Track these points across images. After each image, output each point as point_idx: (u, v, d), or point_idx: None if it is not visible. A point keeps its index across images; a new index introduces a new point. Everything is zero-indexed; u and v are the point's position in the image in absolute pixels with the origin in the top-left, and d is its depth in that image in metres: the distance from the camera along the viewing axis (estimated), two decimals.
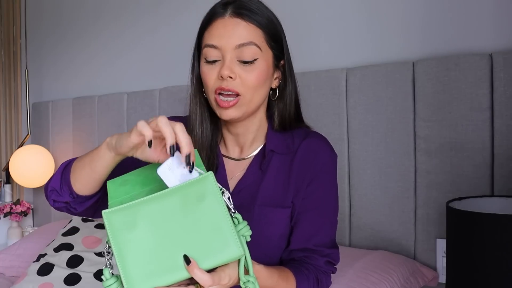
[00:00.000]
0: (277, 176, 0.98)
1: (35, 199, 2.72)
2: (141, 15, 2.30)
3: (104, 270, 0.72)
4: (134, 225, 0.69)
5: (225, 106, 0.91)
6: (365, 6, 1.66)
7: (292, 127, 1.01)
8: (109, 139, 0.80)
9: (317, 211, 0.97)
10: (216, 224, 0.69)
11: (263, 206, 0.96)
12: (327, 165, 0.99)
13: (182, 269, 0.67)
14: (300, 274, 0.93)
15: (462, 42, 1.47)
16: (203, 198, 0.70)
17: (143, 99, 2.18)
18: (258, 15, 0.92)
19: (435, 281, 1.45)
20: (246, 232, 0.72)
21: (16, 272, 1.97)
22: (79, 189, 0.88)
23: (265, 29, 0.93)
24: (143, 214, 0.69)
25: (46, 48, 2.74)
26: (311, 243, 0.96)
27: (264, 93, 0.96)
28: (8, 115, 2.83)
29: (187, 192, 0.70)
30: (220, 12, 0.92)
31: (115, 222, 0.69)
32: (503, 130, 1.35)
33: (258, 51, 0.91)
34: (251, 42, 0.90)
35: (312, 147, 0.99)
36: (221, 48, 0.90)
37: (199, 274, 0.67)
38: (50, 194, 0.91)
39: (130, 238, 0.68)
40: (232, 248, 0.69)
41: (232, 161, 1.02)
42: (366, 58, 1.65)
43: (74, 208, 0.91)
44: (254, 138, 1.01)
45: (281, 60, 0.98)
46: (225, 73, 0.89)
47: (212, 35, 0.92)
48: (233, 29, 0.90)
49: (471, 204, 1.17)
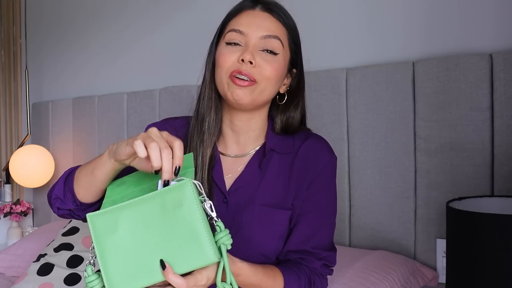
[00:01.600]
0: (276, 177, 0.98)
1: (35, 199, 2.72)
2: (141, 15, 2.30)
3: (87, 267, 0.75)
4: (115, 228, 0.72)
5: (240, 84, 0.91)
6: (366, 6, 1.66)
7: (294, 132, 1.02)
8: (111, 146, 0.82)
9: (316, 213, 0.97)
10: (192, 230, 0.71)
11: (262, 206, 0.96)
12: (327, 167, 0.99)
13: (159, 272, 0.71)
14: (290, 273, 0.92)
15: (462, 42, 1.47)
16: (181, 205, 0.71)
17: (143, 99, 2.18)
18: (286, 16, 0.97)
19: (435, 281, 1.45)
20: (226, 241, 0.74)
21: (16, 272, 1.97)
22: (82, 196, 0.89)
23: (290, 30, 0.97)
24: (124, 218, 0.72)
25: (46, 48, 2.74)
26: (308, 245, 0.96)
27: (275, 90, 0.97)
28: (8, 115, 2.83)
29: (166, 198, 0.72)
30: (250, 5, 0.96)
31: (98, 225, 0.72)
32: (503, 130, 1.35)
33: (281, 47, 0.94)
34: (277, 36, 0.94)
35: (313, 148, 0.99)
36: (247, 35, 0.93)
37: (173, 279, 0.70)
38: (54, 202, 0.93)
39: (111, 240, 0.72)
40: (206, 254, 0.71)
41: (230, 159, 1.01)
42: (366, 58, 1.65)
43: (78, 215, 0.93)
44: (254, 136, 1.01)
45: (294, 68, 1.00)
46: (246, 57, 0.90)
47: (240, 23, 0.94)
48: (263, 21, 0.94)
49: (471, 204, 1.17)
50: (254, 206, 0.95)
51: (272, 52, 0.93)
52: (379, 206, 1.56)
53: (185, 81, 2.04)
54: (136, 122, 2.20)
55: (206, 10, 2.02)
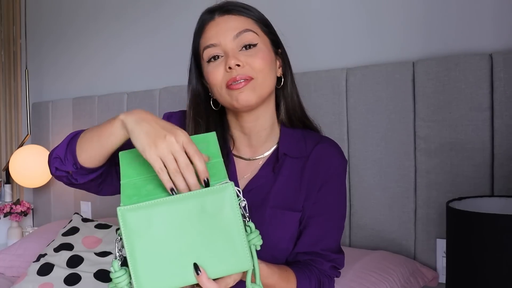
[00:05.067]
0: (289, 179, 0.98)
1: (35, 199, 2.72)
2: (141, 15, 2.30)
3: (113, 262, 0.71)
4: (148, 225, 0.69)
5: (239, 87, 0.90)
6: (365, 6, 1.66)
7: (300, 121, 1.02)
8: (124, 117, 0.79)
9: (326, 216, 0.98)
10: (230, 235, 0.70)
11: (275, 208, 0.96)
12: (338, 171, 0.99)
13: (191, 275, 0.69)
14: (302, 274, 0.93)
15: (462, 42, 1.47)
16: (221, 208, 0.70)
17: (143, 99, 2.18)
18: (244, 8, 0.96)
19: (435, 281, 1.45)
20: (257, 242, 0.73)
21: (16, 272, 1.97)
22: (83, 160, 0.86)
23: (254, 17, 0.96)
24: (159, 216, 0.69)
25: (46, 48, 2.74)
26: (318, 247, 0.96)
27: (273, 77, 0.97)
28: (8, 115, 2.83)
29: (206, 199, 0.70)
30: (208, 17, 0.96)
31: (130, 221, 0.68)
32: (503, 130, 1.35)
33: (256, 36, 0.94)
34: (247, 29, 0.93)
35: (324, 152, 0.99)
36: (220, 43, 0.92)
37: (207, 284, 0.69)
38: (53, 161, 0.89)
39: (143, 238, 0.68)
40: (242, 261, 0.70)
41: (243, 161, 1.02)
42: (366, 58, 1.65)
43: (76, 179, 0.90)
44: (266, 137, 1.01)
45: (278, 48, 1.00)
46: (232, 63, 0.90)
47: (208, 37, 0.94)
48: (226, 24, 0.93)
49: (471, 204, 1.17)
50: (265, 208, 0.96)
51: (251, 46, 0.92)
52: (379, 206, 1.56)
53: (185, 81, 2.02)
54: None
55: None
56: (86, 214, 2.37)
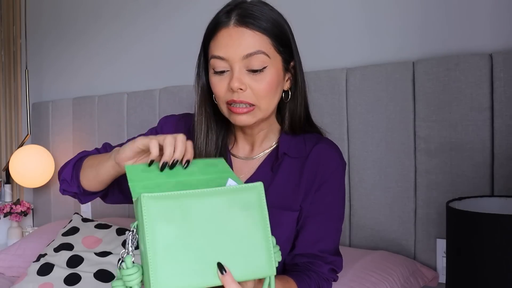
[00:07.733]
0: (287, 179, 0.98)
1: (35, 199, 2.72)
2: (140, 15, 2.30)
3: (126, 257, 0.67)
4: (172, 216, 0.64)
5: (239, 112, 0.90)
6: (365, 6, 1.66)
7: (302, 130, 1.01)
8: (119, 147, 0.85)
9: (323, 217, 0.97)
10: (256, 237, 0.67)
11: (272, 207, 0.96)
12: (336, 172, 0.99)
13: (213, 275, 0.64)
14: (302, 282, 0.92)
15: (462, 42, 1.47)
16: (248, 208, 0.67)
17: (143, 99, 2.18)
18: (262, 21, 0.89)
19: (435, 281, 1.45)
20: (278, 257, 0.71)
21: (16, 272, 1.97)
22: (85, 185, 0.96)
23: (271, 35, 0.90)
24: (186, 207, 0.65)
25: (46, 48, 2.74)
26: (316, 248, 0.96)
27: (277, 99, 0.95)
28: (8, 115, 2.83)
29: (235, 197, 0.67)
30: (224, 22, 0.90)
31: (154, 209, 0.63)
32: (503, 130, 1.35)
33: (267, 59, 0.89)
34: (259, 50, 0.88)
35: (323, 153, 0.99)
36: (229, 59, 0.88)
37: (232, 285, 0.65)
38: (61, 183, 1.00)
39: (165, 229, 0.63)
40: (265, 267, 0.67)
41: (240, 160, 1.02)
42: (366, 58, 1.65)
43: (80, 199, 1.00)
44: (264, 136, 1.01)
45: (290, 62, 0.97)
46: (235, 85, 0.87)
47: (218, 46, 0.90)
48: (239, 39, 0.88)
49: (471, 204, 1.17)
50: None
51: (259, 71, 0.88)
52: (379, 206, 1.56)
53: (185, 81, 2.04)
54: (136, 122, 2.20)
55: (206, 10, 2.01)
56: (86, 214, 2.37)
